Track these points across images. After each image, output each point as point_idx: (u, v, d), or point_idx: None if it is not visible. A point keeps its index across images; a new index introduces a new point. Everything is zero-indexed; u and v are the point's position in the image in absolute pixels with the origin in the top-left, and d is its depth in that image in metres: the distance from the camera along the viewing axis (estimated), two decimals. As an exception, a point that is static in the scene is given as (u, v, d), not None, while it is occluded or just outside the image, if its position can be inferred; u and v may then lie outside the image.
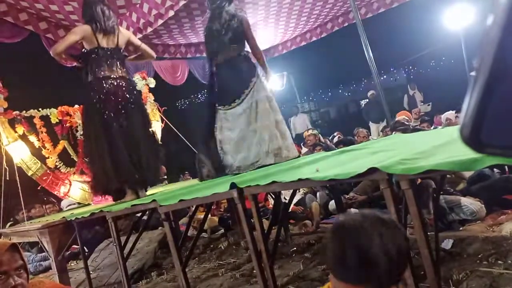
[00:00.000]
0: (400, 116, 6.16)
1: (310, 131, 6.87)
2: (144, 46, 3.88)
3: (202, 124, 3.70)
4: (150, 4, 5.20)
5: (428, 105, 8.90)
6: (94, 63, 3.48)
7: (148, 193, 3.66)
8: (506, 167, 3.84)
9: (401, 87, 14.53)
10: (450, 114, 6.33)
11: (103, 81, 3.47)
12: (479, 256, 2.49)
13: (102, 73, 3.47)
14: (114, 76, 3.52)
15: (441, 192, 3.10)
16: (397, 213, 1.56)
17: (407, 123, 5.18)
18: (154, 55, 4.08)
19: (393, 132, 4.77)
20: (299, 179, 1.83)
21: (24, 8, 5.25)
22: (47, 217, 5.06)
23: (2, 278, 1.45)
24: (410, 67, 15.57)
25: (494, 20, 0.41)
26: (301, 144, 6.98)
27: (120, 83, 3.54)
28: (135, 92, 3.73)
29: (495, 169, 3.97)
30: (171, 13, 5.22)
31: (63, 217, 3.60)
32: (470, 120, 0.42)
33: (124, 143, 3.46)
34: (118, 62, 3.57)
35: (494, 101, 0.41)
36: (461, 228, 3.17)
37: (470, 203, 3.27)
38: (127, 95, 3.56)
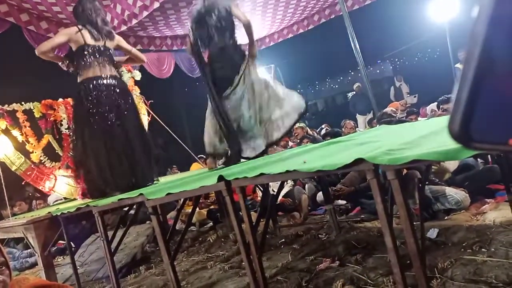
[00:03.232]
0: (387, 108, 6.22)
1: (297, 124, 6.92)
2: (135, 51, 3.84)
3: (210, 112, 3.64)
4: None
5: (414, 96, 9.01)
6: (83, 62, 3.40)
7: None
8: (489, 157, 3.91)
9: (387, 79, 14.69)
10: (435, 105, 6.40)
11: (93, 81, 3.38)
12: (464, 244, 2.54)
13: (91, 72, 3.39)
14: (105, 76, 3.43)
15: (427, 182, 3.15)
16: (383, 203, 1.58)
17: (394, 115, 5.23)
18: (145, 59, 4.05)
19: (378, 124, 4.82)
20: (287, 171, 1.83)
21: (4, -1, 5.12)
22: (32, 212, 4.99)
23: None
24: (396, 59, 15.70)
25: (479, 12, 0.40)
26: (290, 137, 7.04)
27: (112, 83, 3.46)
28: (127, 93, 3.66)
29: (479, 159, 4.04)
30: (156, 4, 5.15)
31: (49, 212, 3.55)
32: (459, 115, 0.42)
33: (116, 146, 3.39)
34: (107, 61, 3.49)
35: (482, 96, 0.41)
36: (446, 218, 3.22)
37: (455, 193, 3.33)
38: (118, 95, 3.48)
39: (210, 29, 3.46)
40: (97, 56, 3.43)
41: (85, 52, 3.39)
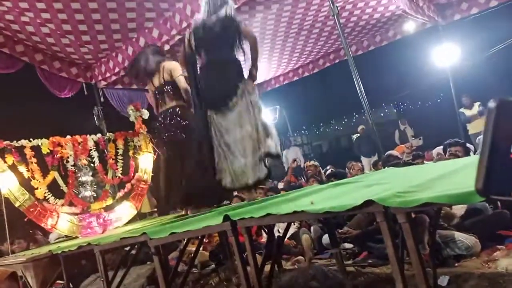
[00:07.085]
0: (393, 151, 6.22)
1: (312, 162, 7.13)
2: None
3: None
4: (147, 39, 5.32)
5: (420, 139, 9.02)
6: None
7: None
8: (498, 202, 3.84)
9: (391, 122, 14.80)
10: (441, 149, 6.37)
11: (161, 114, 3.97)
12: (476, 293, 2.44)
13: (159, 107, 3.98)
14: (165, 108, 3.91)
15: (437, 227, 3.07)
16: (394, 247, 1.53)
17: (399, 157, 5.22)
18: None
19: (385, 167, 4.79)
20: (294, 212, 1.80)
21: (21, 40, 5.31)
22: (32, 250, 4.89)
23: None
24: (400, 103, 15.90)
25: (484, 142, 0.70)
26: (298, 176, 7.19)
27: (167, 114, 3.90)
28: (183, 120, 3.95)
29: (487, 204, 3.97)
30: (178, 37, 5.34)
31: (49, 251, 3.48)
32: (482, 177, 0.68)
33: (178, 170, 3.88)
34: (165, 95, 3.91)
35: (495, 165, 0.68)
36: (456, 264, 3.12)
37: (465, 238, 3.24)
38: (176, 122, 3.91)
39: (211, 39, 3.22)
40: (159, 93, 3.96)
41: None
